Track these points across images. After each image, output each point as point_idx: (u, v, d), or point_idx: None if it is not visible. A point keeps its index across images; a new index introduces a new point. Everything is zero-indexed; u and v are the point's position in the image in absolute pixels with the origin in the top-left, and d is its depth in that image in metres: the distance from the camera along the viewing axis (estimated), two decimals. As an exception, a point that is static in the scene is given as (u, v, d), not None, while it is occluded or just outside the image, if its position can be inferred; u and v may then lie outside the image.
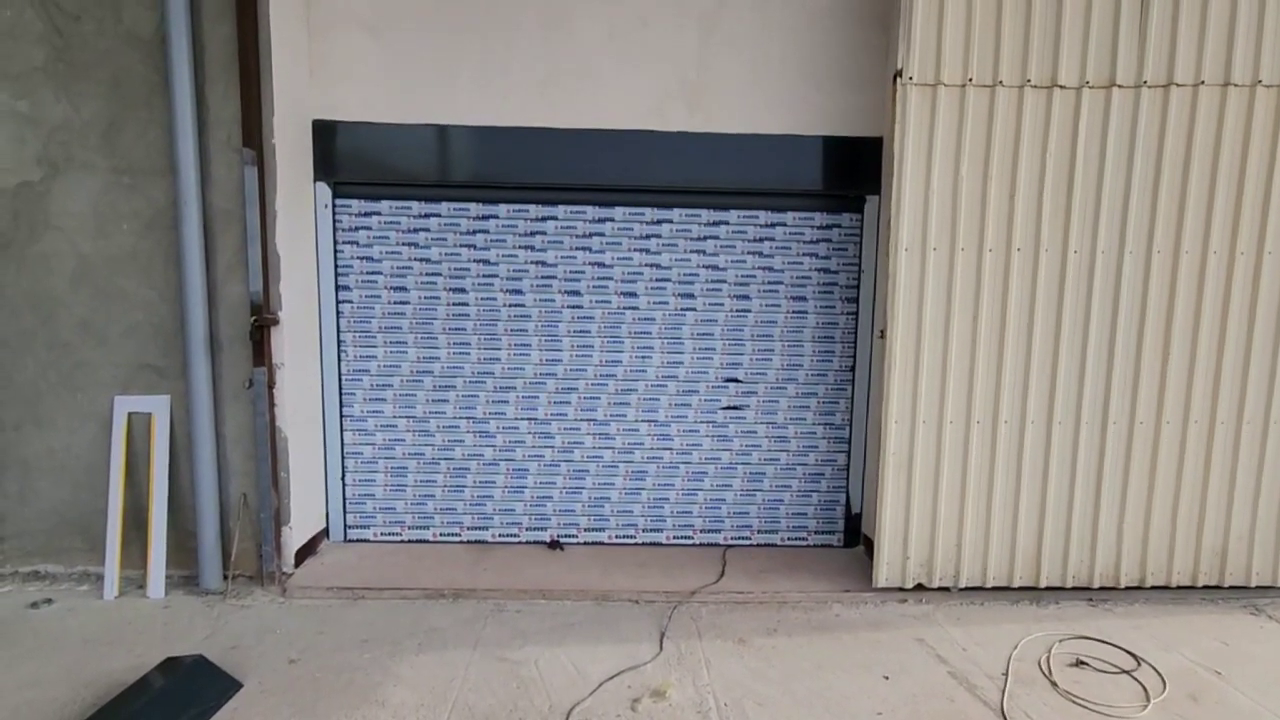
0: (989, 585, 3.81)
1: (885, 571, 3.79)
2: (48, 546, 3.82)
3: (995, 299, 3.65)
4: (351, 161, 4.04)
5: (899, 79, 3.53)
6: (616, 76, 3.99)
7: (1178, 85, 3.55)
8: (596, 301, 4.26)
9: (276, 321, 3.70)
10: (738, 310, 4.29)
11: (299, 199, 3.91)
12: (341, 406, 4.27)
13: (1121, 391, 3.71)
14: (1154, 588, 3.84)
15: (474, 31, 3.96)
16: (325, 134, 4.00)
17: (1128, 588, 3.84)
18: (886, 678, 3.02)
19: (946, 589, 3.82)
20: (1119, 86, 3.55)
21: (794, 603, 3.73)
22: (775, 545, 4.45)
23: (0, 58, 3.54)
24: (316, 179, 4.06)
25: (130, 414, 3.73)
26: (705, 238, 4.24)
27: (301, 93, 3.89)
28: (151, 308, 3.70)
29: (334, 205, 4.14)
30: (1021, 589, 3.82)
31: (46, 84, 3.57)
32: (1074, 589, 3.83)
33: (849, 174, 4.11)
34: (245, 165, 3.56)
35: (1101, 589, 3.83)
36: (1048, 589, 3.83)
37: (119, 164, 3.62)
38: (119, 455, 3.71)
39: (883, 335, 3.82)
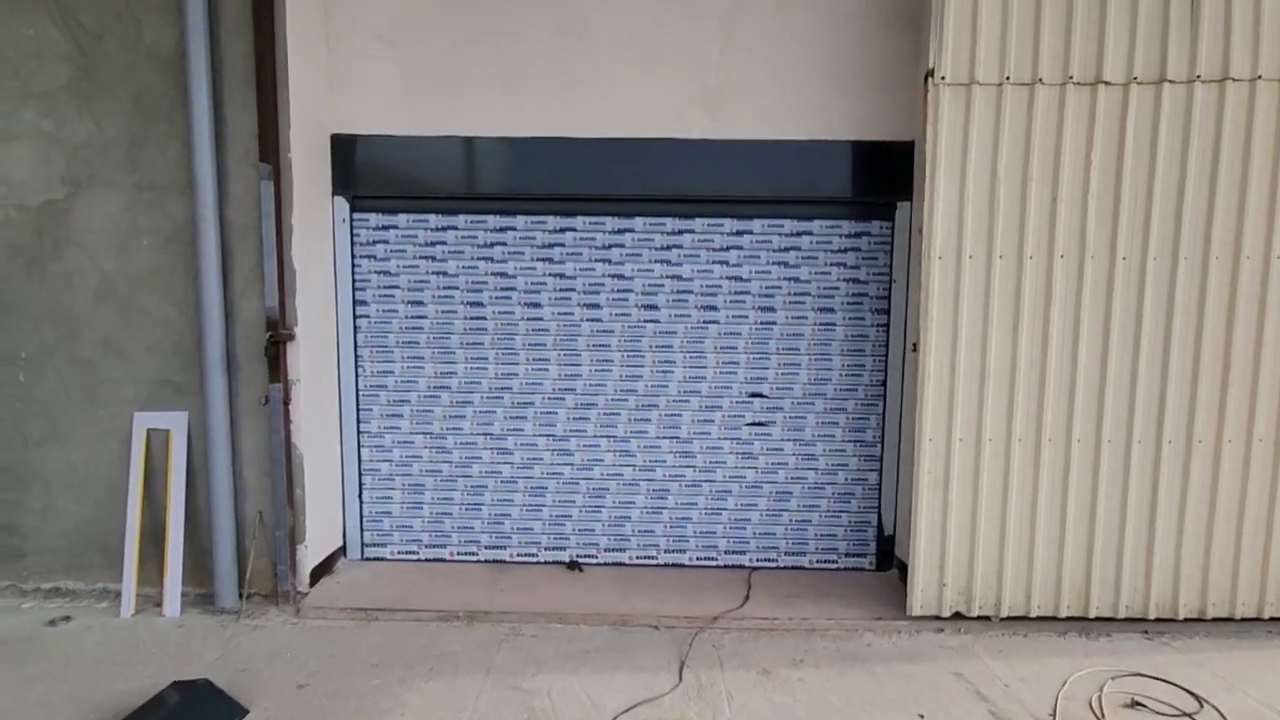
0: (1033, 615, 3.56)
1: (920, 598, 3.58)
2: (69, 563, 3.82)
3: (1037, 309, 3.44)
4: (369, 175, 4.00)
5: (930, 79, 3.36)
6: (634, 84, 3.89)
7: (1234, 80, 3.31)
8: (616, 314, 4.15)
9: (292, 337, 3.66)
10: (762, 322, 4.13)
11: (316, 213, 3.88)
12: (359, 422, 4.21)
13: (1178, 408, 3.45)
14: (1216, 620, 3.55)
15: (491, 43, 3.90)
16: (344, 147, 3.97)
17: (1187, 619, 3.56)
18: (921, 716, 2.81)
19: (987, 618, 3.58)
20: (1170, 82, 3.32)
21: (822, 630, 3.54)
22: (803, 568, 4.25)
23: (26, 77, 3.59)
24: (335, 193, 4.03)
25: (149, 430, 3.72)
26: (728, 248, 4.10)
27: (320, 107, 3.87)
28: (170, 324, 3.69)
29: (351, 219, 4.10)
30: (1069, 619, 3.57)
31: (70, 102, 3.60)
32: (1127, 620, 3.56)
33: (878, 180, 3.93)
34: (261, 180, 3.54)
35: (1158, 620, 3.56)
36: (1098, 619, 3.57)
37: (140, 180, 3.63)
38: (138, 472, 3.70)
39: (915, 348, 3.63)
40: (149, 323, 3.70)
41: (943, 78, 3.34)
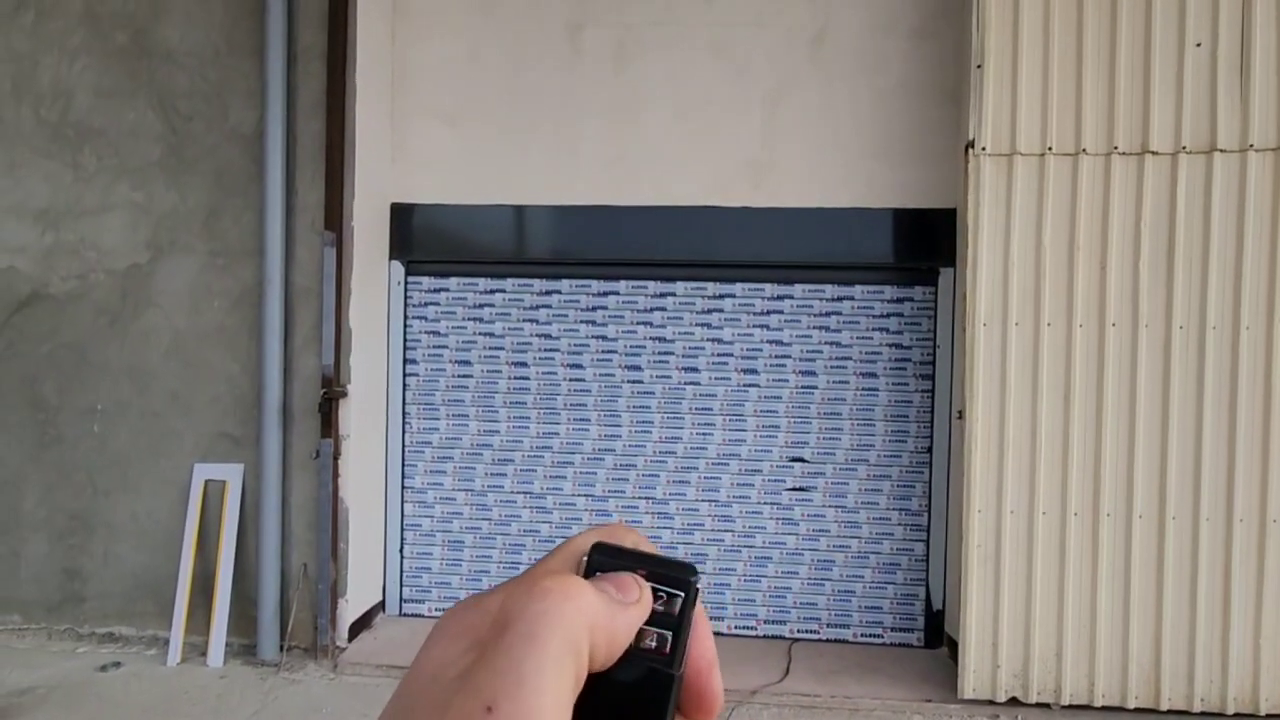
0: (1098, 704, 3.33)
1: (972, 681, 3.39)
2: (124, 609, 3.95)
3: (1089, 378, 3.34)
4: (425, 241, 4.22)
5: (971, 150, 3.40)
6: (681, 155, 4.03)
7: (1290, 148, 3.25)
8: (657, 376, 4.19)
9: (345, 394, 3.81)
10: (803, 387, 4.12)
11: (374, 277, 4.09)
12: (403, 478, 4.31)
13: (1248, 483, 3.27)
14: (1305, 718, 3.26)
15: (544, 117, 4.11)
16: (402, 215, 4.21)
17: (1269, 715, 3.27)
18: (976, 813, 2.63)
19: (1046, 705, 3.37)
20: (1221, 151, 3.28)
21: (867, 710, 3.38)
22: (846, 641, 4.09)
23: (125, 154, 3.94)
24: (392, 257, 4.25)
25: (207, 481, 3.88)
26: (769, 312, 4.14)
27: (383, 178, 4.12)
28: (233, 379, 3.89)
29: (406, 282, 4.30)
30: (1139, 710, 3.32)
31: (160, 176, 3.93)
32: (1203, 714, 3.30)
33: (920, 246, 3.94)
34: (325, 246, 3.76)
35: (1237, 715, 3.28)
36: (1170, 713, 3.31)
37: (215, 247, 3.91)
38: (194, 521, 3.84)
39: (961, 415, 3.55)
40: (214, 378, 3.91)
41: (983, 149, 3.38)
